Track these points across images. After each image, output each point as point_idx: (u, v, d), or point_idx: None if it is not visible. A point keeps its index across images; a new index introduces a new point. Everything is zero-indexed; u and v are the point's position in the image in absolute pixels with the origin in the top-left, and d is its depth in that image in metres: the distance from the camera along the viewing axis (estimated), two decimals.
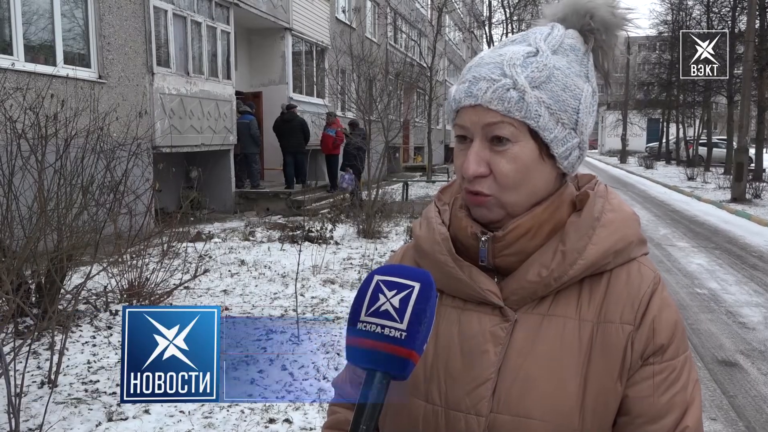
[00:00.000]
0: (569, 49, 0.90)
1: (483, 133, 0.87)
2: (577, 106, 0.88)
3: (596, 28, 0.92)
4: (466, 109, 0.88)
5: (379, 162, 12.02)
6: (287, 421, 3.54)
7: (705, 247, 9.86)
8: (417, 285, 0.76)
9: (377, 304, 0.76)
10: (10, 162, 4.67)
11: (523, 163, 0.86)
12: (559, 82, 0.87)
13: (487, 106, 0.85)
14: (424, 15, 29.43)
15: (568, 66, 0.89)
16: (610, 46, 0.93)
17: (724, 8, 25.41)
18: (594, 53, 0.93)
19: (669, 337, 0.88)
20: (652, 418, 0.86)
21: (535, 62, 0.86)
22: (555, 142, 0.87)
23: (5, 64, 7.35)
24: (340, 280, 6.86)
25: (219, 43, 12.48)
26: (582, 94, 0.89)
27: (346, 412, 1.05)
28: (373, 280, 0.78)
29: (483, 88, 0.86)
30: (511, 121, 0.85)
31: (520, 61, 0.86)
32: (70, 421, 3.44)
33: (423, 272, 0.79)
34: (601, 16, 0.91)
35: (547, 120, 0.86)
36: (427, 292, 0.76)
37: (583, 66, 0.91)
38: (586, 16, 0.92)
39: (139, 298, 5.43)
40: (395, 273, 0.78)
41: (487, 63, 0.88)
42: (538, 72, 0.86)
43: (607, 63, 0.95)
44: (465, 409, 0.88)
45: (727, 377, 4.52)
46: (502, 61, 0.87)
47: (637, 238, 0.93)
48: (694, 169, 24.78)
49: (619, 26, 0.93)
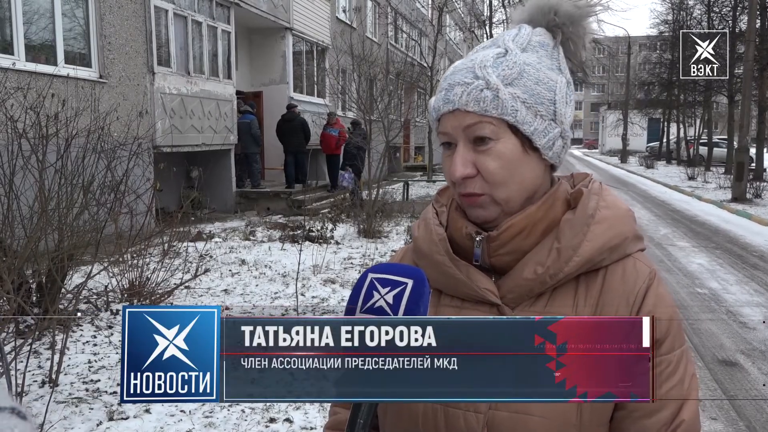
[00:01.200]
0: (538, 45, 0.92)
1: (465, 136, 0.89)
2: (552, 98, 0.90)
3: (562, 22, 0.94)
4: (446, 116, 0.90)
5: (380, 162, 12.02)
6: (288, 421, 3.54)
7: (705, 246, 9.87)
8: (410, 282, 0.78)
9: (371, 301, 0.78)
10: (11, 161, 4.68)
11: (508, 158, 0.88)
12: (531, 77, 0.89)
13: (465, 109, 0.88)
14: (424, 15, 29.43)
15: (538, 61, 0.91)
16: (579, 36, 0.95)
17: (724, 8, 25.40)
18: (564, 46, 0.95)
19: (664, 331, 0.88)
20: (648, 412, 0.86)
21: (506, 61, 0.89)
22: (536, 134, 0.89)
23: (6, 63, 7.36)
24: (341, 280, 6.87)
25: (219, 42, 12.49)
26: (556, 85, 0.90)
27: (346, 412, 1.05)
28: (367, 278, 0.80)
29: (458, 92, 0.88)
30: (489, 119, 0.87)
31: (491, 62, 0.89)
32: (71, 420, 3.45)
33: (415, 269, 0.80)
34: (565, 10, 0.94)
35: (525, 114, 0.88)
36: (420, 289, 0.77)
37: (554, 59, 0.93)
38: (551, 13, 0.94)
39: (140, 297, 5.43)
40: (388, 271, 0.80)
41: (459, 70, 0.91)
42: (509, 70, 0.88)
43: (579, 52, 0.96)
44: (464, 407, 0.89)
45: (728, 377, 4.53)
46: (474, 65, 0.90)
47: (632, 234, 0.94)
48: (694, 168, 24.78)
49: (585, 16, 0.95)
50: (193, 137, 11.35)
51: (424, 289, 0.78)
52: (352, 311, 0.78)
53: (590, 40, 0.97)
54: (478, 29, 26.64)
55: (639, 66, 50.60)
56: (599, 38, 0.95)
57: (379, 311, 0.76)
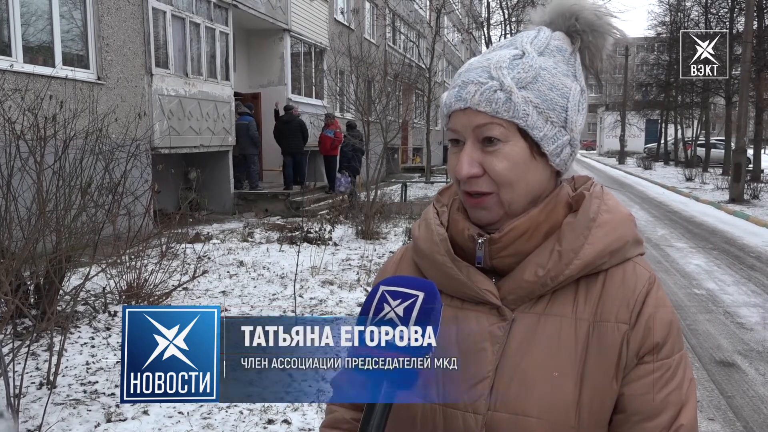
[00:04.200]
0: (555, 50, 0.92)
1: (474, 135, 0.89)
2: (565, 105, 0.90)
3: (582, 29, 0.94)
4: (457, 113, 0.90)
5: (378, 163, 12.02)
6: (286, 422, 3.54)
7: (703, 247, 9.88)
8: (421, 294, 0.78)
9: (382, 313, 0.78)
10: (9, 163, 4.68)
11: (515, 161, 0.88)
12: (546, 81, 0.89)
13: (476, 109, 0.88)
14: (422, 16, 29.45)
15: (554, 66, 0.90)
16: (597, 47, 0.95)
17: (722, 9, 25.45)
18: (581, 54, 0.95)
19: (664, 336, 0.88)
20: (647, 416, 0.87)
21: (521, 64, 0.88)
22: (545, 140, 0.89)
23: (4, 65, 7.36)
24: (339, 281, 6.86)
25: (218, 44, 12.49)
26: (570, 92, 0.90)
27: (343, 411, 1.06)
28: (379, 291, 0.80)
29: (471, 91, 0.88)
30: (500, 121, 0.87)
31: (507, 63, 0.89)
32: (69, 422, 3.44)
33: (427, 282, 0.80)
34: (586, 17, 0.93)
35: (536, 119, 0.88)
36: (432, 301, 0.78)
37: (570, 66, 0.92)
38: (572, 18, 0.94)
39: (138, 299, 5.43)
40: (400, 283, 0.80)
41: (475, 68, 0.91)
42: (525, 73, 0.88)
43: (596, 63, 0.96)
44: (463, 408, 0.89)
45: (725, 377, 4.53)
46: (489, 65, 0.89)
47: (633, 238, 0.94)
48: (692, 169, 24.80)
49: (604, 27, 0.94)
50: (191, 139, 11.35)
51: (435, 301, 0.78)
52: (363, 323, 0.78)
53: (608, 54, 0.96)
54: (476, 31, 26.67)
55: (637, 67, 50.65)
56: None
57: (389, 324, 0.77)
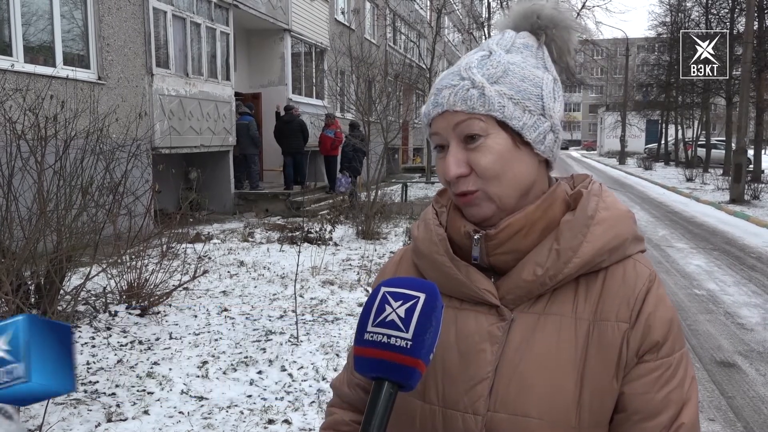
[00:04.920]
0: (522, 46, 0.94)
1: (455, 135, 0.90)
2: (540, 93, 0.91)
3: (545, 24, 0.96)
4: (436, 119, 0.92)
5: (379, 163, 12.03)
6: (286, 422, 3.54)
7: (703, 248, 9.88)
8: (422, 295, 0.78)
9: (383, 314, 0.78)
10: (10, 163, 4.68)
11: (499, 153, 0.89)
12: (517, 74, 0.90)
13: (453, 109, 0.90)
14: (423, 16, 29.46)
15: (523, 60, 0.92)
16: (563, 40, 0.97)
17: (722, 9, 25.45)
18: (549, 47, 0.97)
19: (664, 334, 0.88)
20: (648, 414, 0.87)
21: (490, 61, 0.91)
22: (526, 129, 0.90)
23: (5, 65, 7.36)
24: (339, 281, 6.87)
25: (218, 44, 12.50)
26: (542, 81, 0.92)
27: (343, 413, 1.06)
28: (380, 292, 0.80)
29: (446, 95, 0.91)
30: (477, 117, 0.89)
31: (476, 63, 0.91)
32: (69, 421, 3.44)
33: (428, 283, 0.80)
34: (547, 13, 0.96)
35: (512, 109, 0.89)
36: (433, 303, 0.77)
37: (540, 59, 0.94)
38: (533, 16, 0.96)
39: (138, 299, 5.44)
40: (402, 284, 0.80)
41: (447, 75, 0.94)
42: (494, 69, 0.90)
43: (564, 57, 0.98)
44: (462, 408, 0.89)
45: (726, 378, 4.53)
46: (459, 69, 0.92)
47: (632, 235, 0.94)
48: (692, 170, 24.82)
49: (566, 22, 0.97)
50: (192, 139, 11.36)
51: (437, 303, 0.78)
52: (365, 324, 0.78)
53: (576, 48, 0.99)
54: (477, 31, 26.68)
55: (637, 68, 50.61)
56: (597, 40, 0.96)
57: (390, 325, 0.76)
